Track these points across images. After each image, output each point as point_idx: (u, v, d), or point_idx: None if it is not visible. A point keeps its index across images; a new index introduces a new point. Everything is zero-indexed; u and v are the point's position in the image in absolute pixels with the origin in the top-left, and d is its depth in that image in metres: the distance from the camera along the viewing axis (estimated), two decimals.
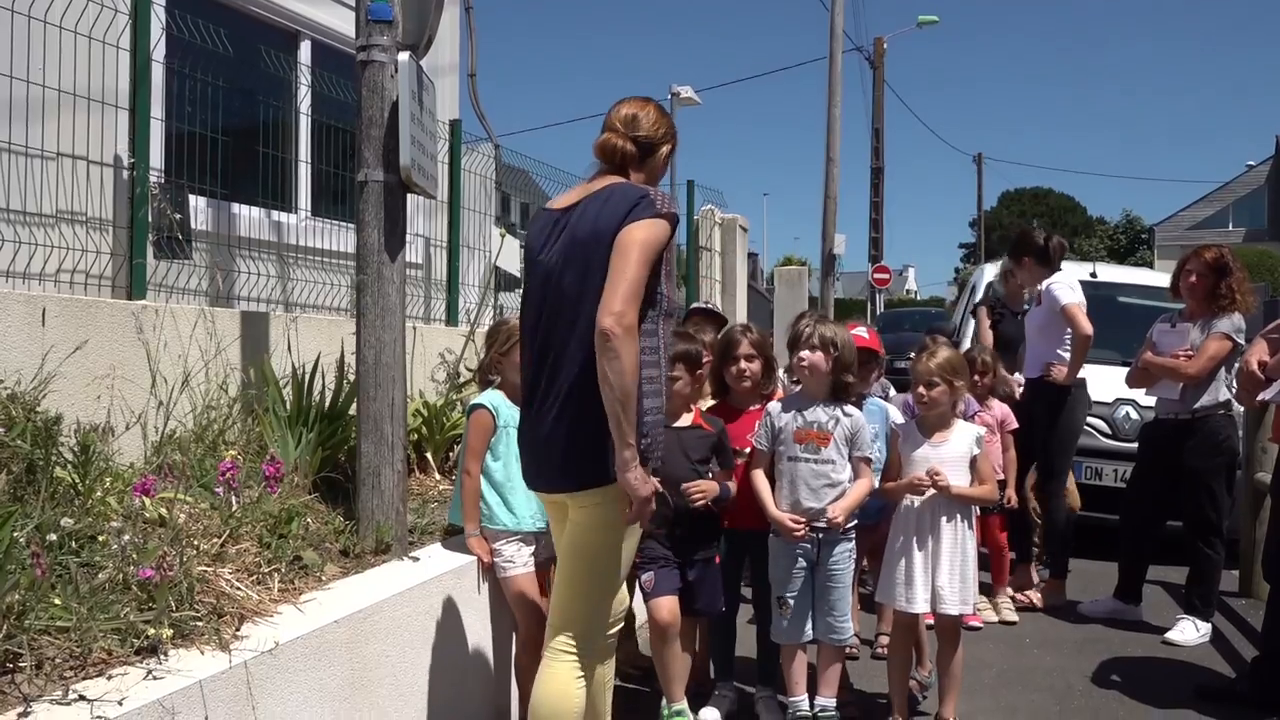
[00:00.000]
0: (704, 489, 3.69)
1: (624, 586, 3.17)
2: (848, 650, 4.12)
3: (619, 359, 2.57)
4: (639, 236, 2.67)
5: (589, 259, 2.73)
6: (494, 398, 3.64)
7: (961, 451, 3.80)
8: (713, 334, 4.60)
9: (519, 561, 3.56)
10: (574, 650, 2.85)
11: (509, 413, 3.55)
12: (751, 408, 4.08)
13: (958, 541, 3.75)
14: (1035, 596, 5.71)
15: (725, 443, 3.85)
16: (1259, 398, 4.11)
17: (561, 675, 2.84)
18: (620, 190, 2.78)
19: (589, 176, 2.94)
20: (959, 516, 3.78)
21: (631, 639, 4.36)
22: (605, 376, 2.59)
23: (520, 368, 2.98)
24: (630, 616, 4.06)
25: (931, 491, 3.73)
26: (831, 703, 3.81)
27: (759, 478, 3.82)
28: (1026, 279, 6.04)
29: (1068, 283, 5.80)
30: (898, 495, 3.87)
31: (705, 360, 4.01)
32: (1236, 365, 4.80)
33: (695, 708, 3.87)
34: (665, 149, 2.98)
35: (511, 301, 7.18)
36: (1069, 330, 5.71)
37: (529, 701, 2.92)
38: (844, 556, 3.80)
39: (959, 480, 3.76)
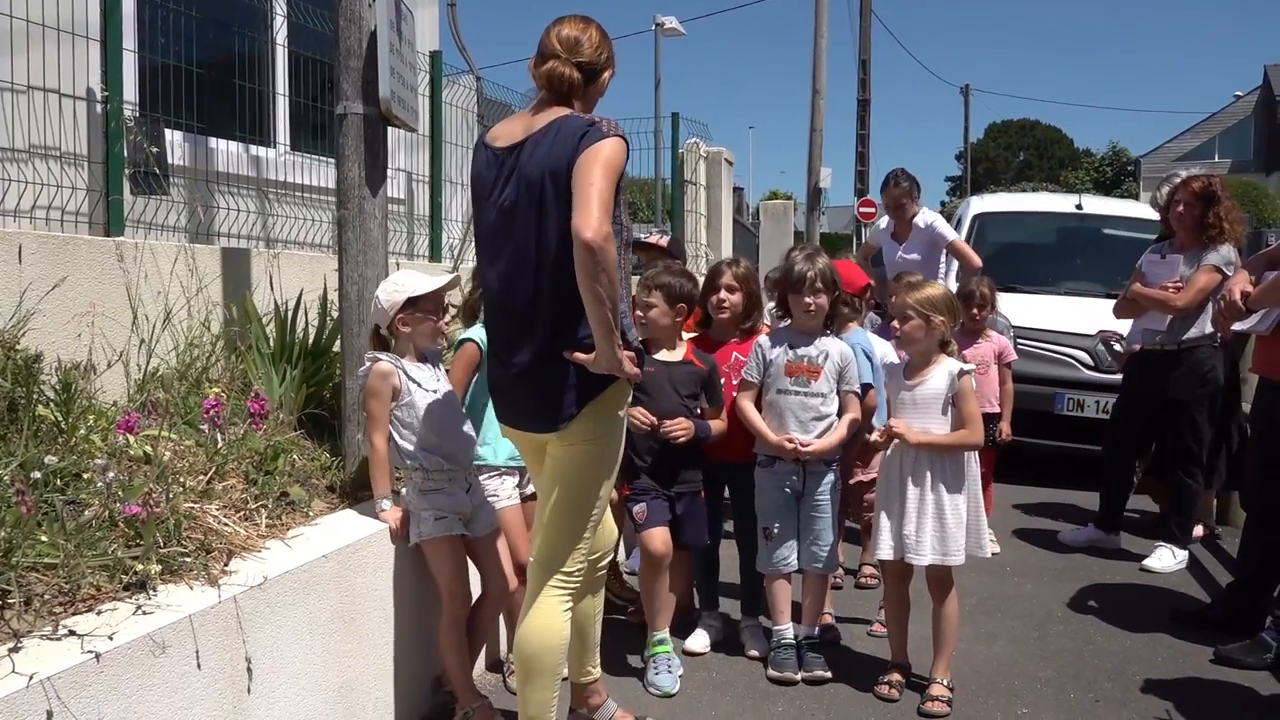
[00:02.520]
0: (683, 428, 3.70)
1: (610, 518, 3.20)
2: (832, 580, 4.19)
3: (605, 270, 2.53)
4: (599, 156, 2.61)
5: (543, 200, 2.68)
6: (482, 333, 3.62)
7: (936, 391, 3.56)
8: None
9: (503, 495, 3.58)
10: (560, 584, 2.88)
11: None
12: (731, 340, 4.08)
13: (925, 489, 3.53)
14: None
15: (715, 380, 3.87)
16: (1234, 327, 4.13)
17: (547, 609, 2.87)
18: (566, 123, 2.71)
19: (530, 107, 2.87)
20: (932, 463, 3.55)
21: (614, 570, 4.41)
22: (594, 291, 2.54)
23: (486, 311, 2.92)
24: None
25: (896, 441, 3.58)
26: (816, 631, 3.89)
27: (749, 408, 3.84)
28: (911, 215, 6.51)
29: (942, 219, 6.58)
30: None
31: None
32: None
33: (682, 638, 3.93)
34: (607, 74, 2.90)
35: None
36: (942, 265, 6.38)
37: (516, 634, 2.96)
38: (829, 487, 3.84)
39: (934, 423, 3.55)
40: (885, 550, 3.61)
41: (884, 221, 6.89)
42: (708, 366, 3.86)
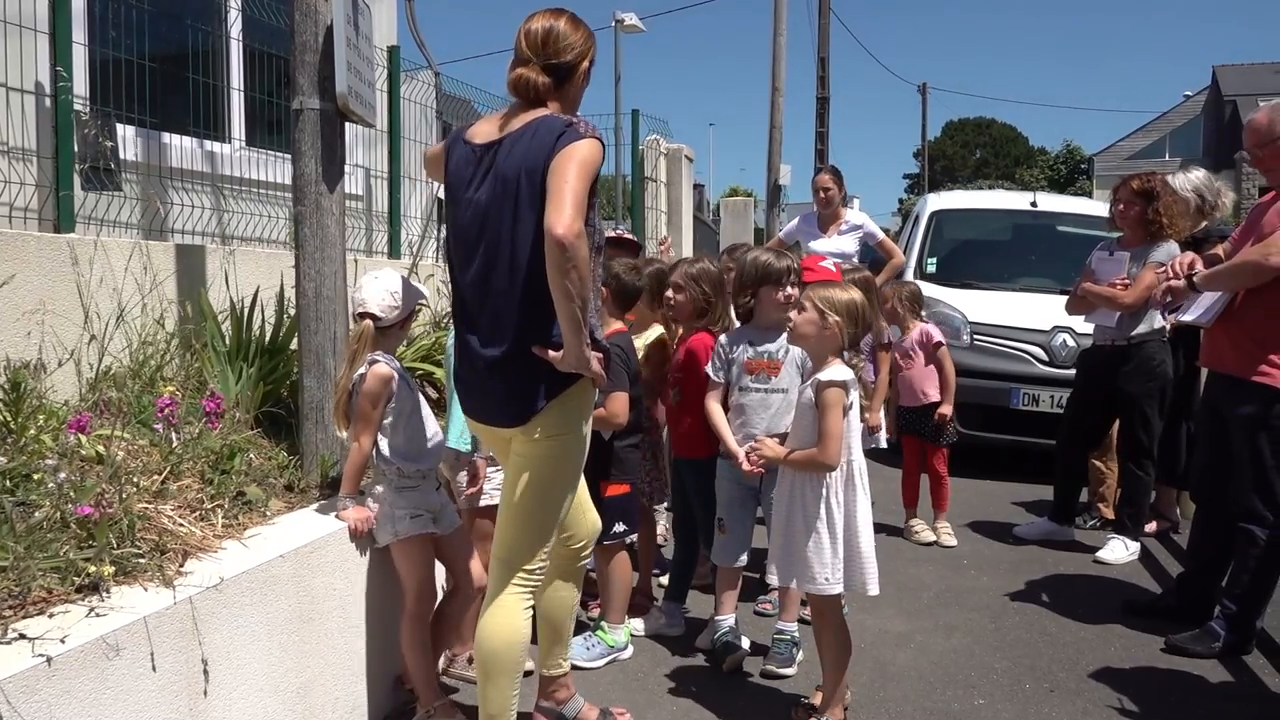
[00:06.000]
0: None
1: (593, 509, 3.20)
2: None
3: (575, 267, 2.52)
4: (575, 155, 2.62)
5: (519, 198, 2.68)
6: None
7: (808, 399, 3.23)
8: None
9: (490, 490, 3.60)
10: (521, 582, 2.86)
11: None
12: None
13: (783, 507, 3.30)
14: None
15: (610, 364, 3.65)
16: (1182, 319, 4.21)
17: (508, 607, 2.85)
18: (543, 124, 2.71)
19: (505, 110, 2.86)
20: (793, 480, 3.29)
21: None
22: (563, 287, 2.54)
23: (456, 304, 2.91)
24: None
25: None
26: (790, 627, 3.85)
27: (714, 408, 3.82)
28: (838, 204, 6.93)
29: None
30: None
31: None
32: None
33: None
34: (584, 66, 2.87)
35: None
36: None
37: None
38: None
39: (806, 432, 3.24)
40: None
41: (796, 221, 7.18)
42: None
